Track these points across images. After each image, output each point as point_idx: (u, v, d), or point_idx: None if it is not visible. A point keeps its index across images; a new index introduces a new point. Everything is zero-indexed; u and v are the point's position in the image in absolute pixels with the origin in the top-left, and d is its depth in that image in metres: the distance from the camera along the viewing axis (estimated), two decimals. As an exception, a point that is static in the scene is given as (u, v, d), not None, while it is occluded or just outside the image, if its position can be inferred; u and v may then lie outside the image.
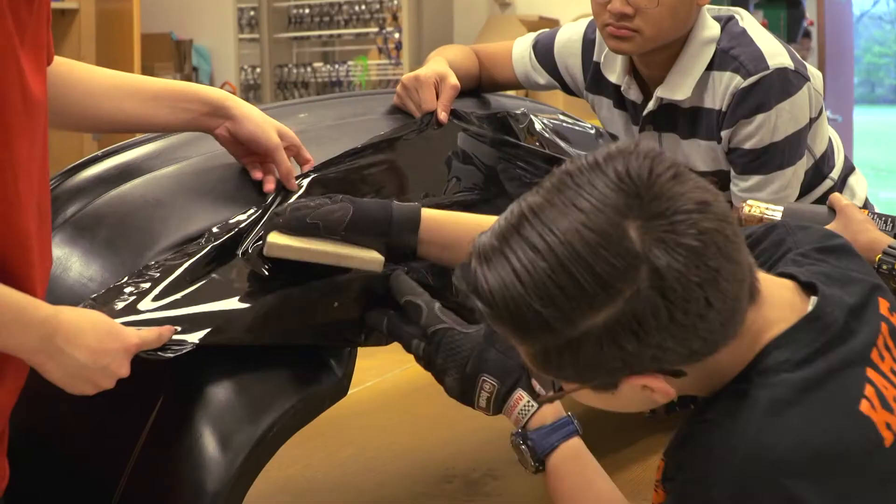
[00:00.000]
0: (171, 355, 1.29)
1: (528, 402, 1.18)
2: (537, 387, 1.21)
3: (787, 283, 1.12)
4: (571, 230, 0.95)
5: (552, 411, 1.18)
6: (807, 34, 7.09)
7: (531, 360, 1.02)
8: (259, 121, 1.57)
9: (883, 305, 1.13)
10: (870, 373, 1.05)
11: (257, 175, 1.59)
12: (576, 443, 1.17)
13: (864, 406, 1.02)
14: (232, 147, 1.60)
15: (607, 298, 0.95)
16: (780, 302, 1.08)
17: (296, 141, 1.61)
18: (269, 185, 1.58)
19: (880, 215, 1.73)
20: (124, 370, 1.24)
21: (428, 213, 1.45)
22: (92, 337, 1.20)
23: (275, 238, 1.42)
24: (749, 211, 1.73)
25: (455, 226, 1.46)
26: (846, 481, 0.99)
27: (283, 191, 1.58)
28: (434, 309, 1.26)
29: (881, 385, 1.05)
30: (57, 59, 1.45)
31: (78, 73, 1.47)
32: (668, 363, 1.00)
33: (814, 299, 1.09)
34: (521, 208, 1.00)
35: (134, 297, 1.37)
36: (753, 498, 0.96)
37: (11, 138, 1.14)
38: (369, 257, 1.43)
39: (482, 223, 1.42)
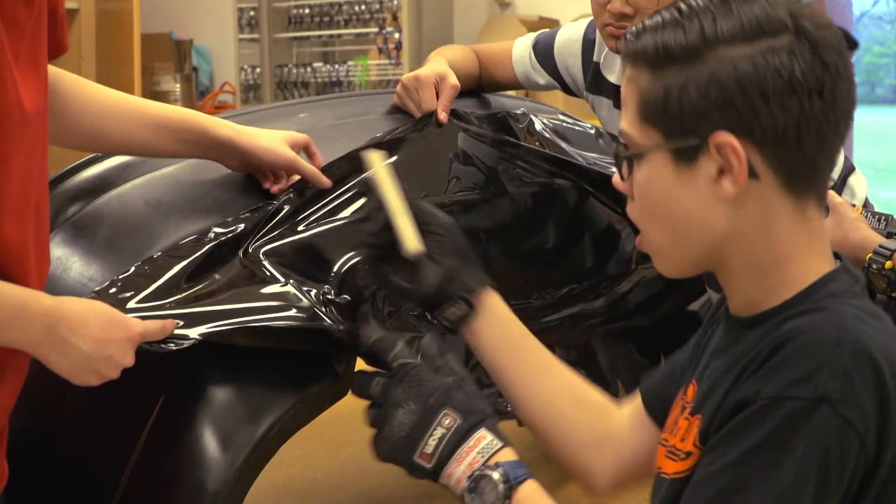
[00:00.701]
0: (175, 347, 1.29)
1: (492, 440, 1.15)
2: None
3: None
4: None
5: (511, 454, 1.15)
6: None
7: (644, 103, 1.10)
8: (268, 148, 1.55)
9: None
10: None
11: (267, 184, 1.58)
12: (536, 483, 1.17)
13: None
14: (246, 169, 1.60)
15: (748, 39, 1.06)
16: (825, 240, 1.14)
17: (305, 141, 1.61)
18: (276, 188, 1.58)
19: (874, 213, 1.73)
20: (129, 359, 1.24)
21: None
22: (95, 326, 1.20)
23: (376, 157, 1.43)
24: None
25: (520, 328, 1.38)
26: None
27: (293, 190, 1.58)
28: (406, 346, 1.22)
29: None
30: (66, 74, 1.45)
31: (86, 93, 1.46)
32: (759, 134, 1.05)
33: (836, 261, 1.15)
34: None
35: (133, 293, 1.37)
36: (855, 388, 0.99)
37: (5, 150, 1.14)
38: (412, 237, 1.37)
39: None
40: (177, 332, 1.31)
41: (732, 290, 1.14)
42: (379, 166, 1.43)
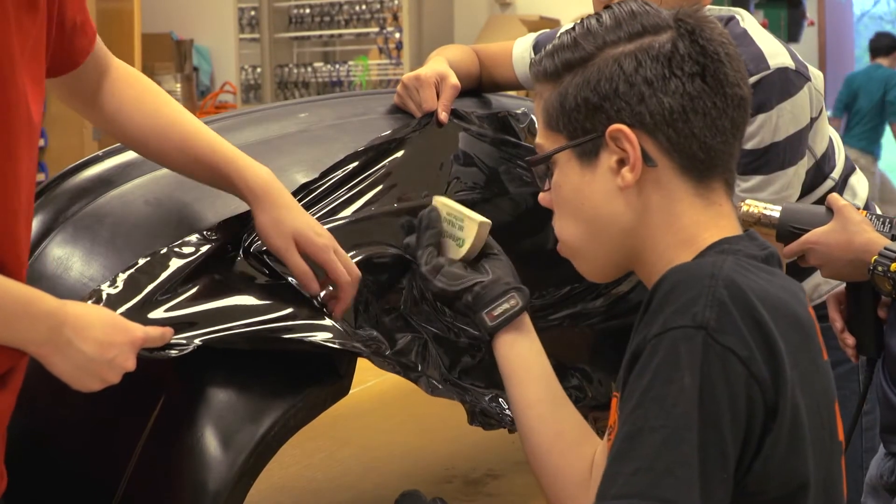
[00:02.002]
0: (176, 353, 1.29)
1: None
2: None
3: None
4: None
5: None
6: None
7: (547, 112, 1.21)
8: (263, 230, 1.45)
9: None
10: None
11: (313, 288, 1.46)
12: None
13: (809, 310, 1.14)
14: None
15: (631, 39, 1.16)
16: (733, 222, 1.20)
17: (314, 249, 1.46)
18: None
19: (878, 216, 1.73)
20: (130, 364, 1.24)
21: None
22: (99, 330, 1.20)
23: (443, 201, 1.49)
24: (748, 210, 1.73)
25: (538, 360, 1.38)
26: (796, 341, 1.07)
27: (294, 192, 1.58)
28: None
29: None
30: (141, 78, 1.48)
31: (142, 106, 1.46)
32: (649, 120, 1.14)
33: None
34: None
35: (132, 293, 1.36)
36: (731, 316, 1.03)
37: (15, 152, 1.15)
38: (462, 251, 1.43)
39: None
40: (176, 338, 1.31)
41: (650, 281, 1.17)
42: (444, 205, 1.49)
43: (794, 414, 1.03)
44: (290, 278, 1.47)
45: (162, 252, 1.42)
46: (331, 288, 1.47)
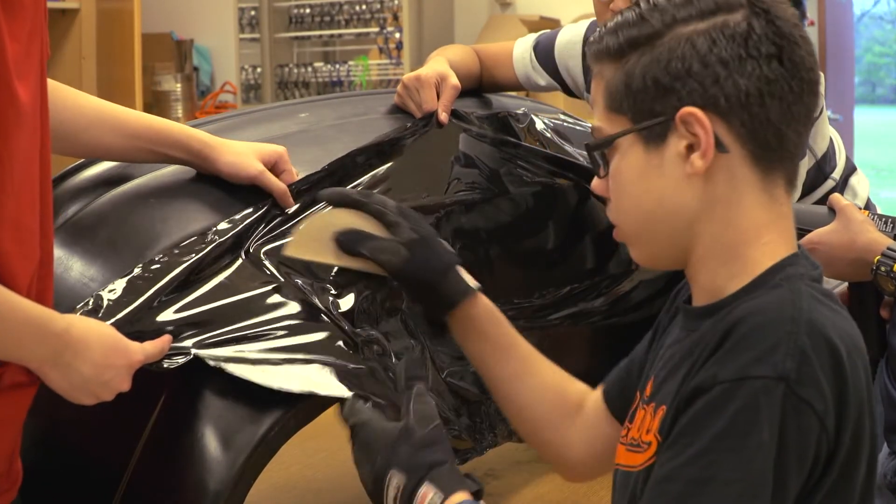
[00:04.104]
0: (174, 363, 1.30)
1: (436, 494, 1.14)
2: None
3: None
4: None
5: (460, 496, 1.14)
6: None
7: (609, 93, 1.12)
8: (231, 163, 1.55)
9: None
10: None
11: None
12: None
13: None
14: None
15: (703, 17, 1.08)
16: (790, 224, 1.14)
17: (277, 156, 1.58)
18: None
19: (881, 216, 1.73)
20: (125, 385, 1.26)
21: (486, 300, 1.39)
22: (98, 352, 1.22)
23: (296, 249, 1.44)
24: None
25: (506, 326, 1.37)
26: (862, 382, 1.04)
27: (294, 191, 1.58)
28: (357, 403, 1.26)
29: None
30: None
31: (64, 99, 1.46)
32: (723, 103, 1.07)
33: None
34: None
35: (132, 298, 1.36)
36: (812, 367, 0.99)
37: (4, 132, 1.14)
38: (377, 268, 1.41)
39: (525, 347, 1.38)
40: (172, 346, 1.31)
41: (697, 280, 1.14)
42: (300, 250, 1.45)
43: (848, 459, 1.02)
44: (291, 280, 1.46)
45: (160, 255, 1.42)
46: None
